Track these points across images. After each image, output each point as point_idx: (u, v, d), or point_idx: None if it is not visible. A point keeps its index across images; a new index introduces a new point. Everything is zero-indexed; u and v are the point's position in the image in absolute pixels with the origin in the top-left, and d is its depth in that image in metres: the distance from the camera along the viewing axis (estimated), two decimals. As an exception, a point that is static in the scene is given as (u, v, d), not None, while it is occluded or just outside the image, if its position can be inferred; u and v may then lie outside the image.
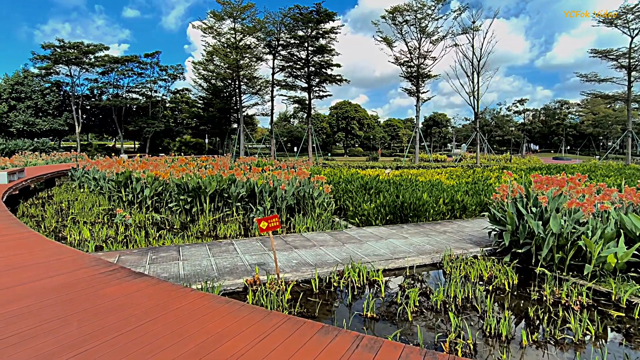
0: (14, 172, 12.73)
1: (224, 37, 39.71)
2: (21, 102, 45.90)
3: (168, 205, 9.51)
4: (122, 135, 54.65)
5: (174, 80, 57.82)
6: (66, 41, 48.92)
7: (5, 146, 34.84)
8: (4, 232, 5.36)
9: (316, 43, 38.05)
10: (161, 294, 3.07)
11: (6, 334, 2.39)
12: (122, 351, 2.22)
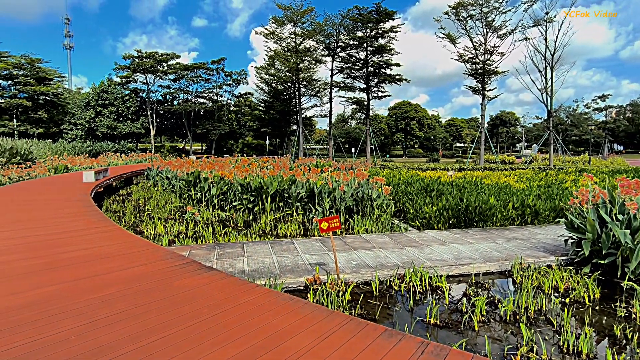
0: (100, 171, 14.15)
1: (285, 41, 40.84)
2: (106, 108, 50.91)
3: (232, 204, 9.99)
4: (190, 138, 58.39)
5: (238, 84, 60.56)
6: (143, 51, 53.37)
7: (93, 148, 38.88)
8: (93, 226, 5.98)
9: (375, 43, 37.70)
10: (230, 287, 3.23)
11: (98, 317, 2.67)
12: (197, 339, 2.37)
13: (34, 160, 22.57)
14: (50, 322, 2.59)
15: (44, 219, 6.49)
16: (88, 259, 4.09)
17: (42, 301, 2.95)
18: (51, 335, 2.40)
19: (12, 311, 2.77)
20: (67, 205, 8.04)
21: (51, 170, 18.89)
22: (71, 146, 36.21)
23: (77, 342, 2.32)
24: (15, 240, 4.94)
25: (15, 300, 2.96)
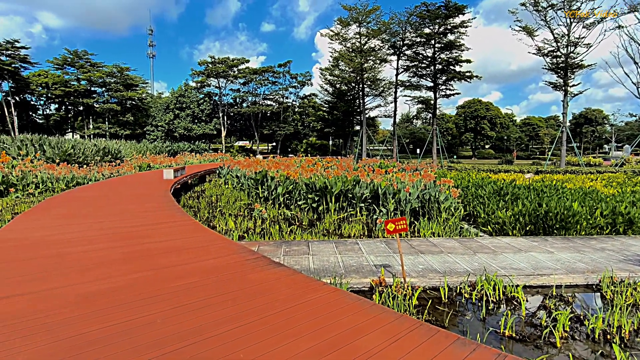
0: (178, 169, 15.32)
1: (349, 42, 40.92)
2: (183, 111, 54.97)
3: (297, 203, 10.23)
4: (257, 138, 60.90)
5: (303, 86, 61.94)
6: (216, 57, 56.76)
7: (171, 148, 42.22)
8: (173, 219, 6.49)
9: (444, 39, 36.26)
10: (298, 284, 3.32)
11: (181, 303, 2.89)
12: (270, 331, 2.47)
13: (122, 159, 25.08)
14: (140, 305, 2.86)
15: (132, 211, 7.19)
16: (170, 250, 4.45)
17: (132, 286, 3.26)
18: (141, 317, 2.65)
19: (109, 293, 3.10)
20: (150, 199, 8.82)
21: (136, 168, 20.86)
22: (153, 146, 39.65)
23: (163, 325, 2.54)
24: (110, 230, 5.53)
25: (112, 284, 3.31)
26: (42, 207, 7.74)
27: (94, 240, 4.90)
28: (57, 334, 2.40)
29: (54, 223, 6.06)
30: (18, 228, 5.66)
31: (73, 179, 14.64)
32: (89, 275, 3.53)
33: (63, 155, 19.98)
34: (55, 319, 2.61)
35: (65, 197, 9.23)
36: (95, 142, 26.05)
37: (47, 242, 4.79)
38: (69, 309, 2.79)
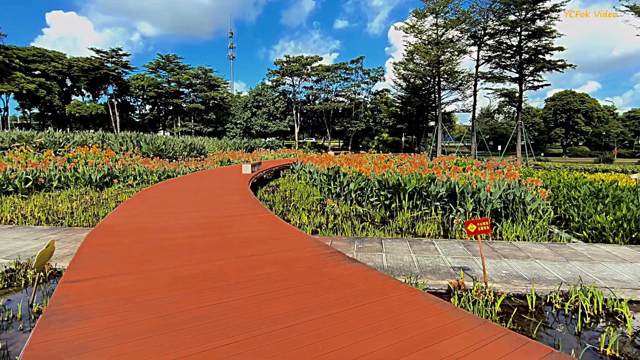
0: (255, 164, 16.11)
1: (425, 34, 39.44)
2: (259, 109, 57.61)
3: (369, 200, 10.17)
4: (329, 135, 61.60)
5: (375, 82, 61.24)
6: (291, 56, 58.43)
7: (248, 144, 44.54)
8: (252, 212, 6.84)
9: (531, 26, 33.27)
10: (374, 281, 3.30)
11: (263, 291, 3.05)
12: (347, 325, 2.49)
13: (206, 154, 27.07)
14: (228, 290, 3.07)
15: (216, 203, 7.73)
16: (251, 240, 4.71)
17: (220, 272, 3.51)
18: (229, 302, 2.84)
19: (200, 277, 3.38)
20: (231, 192, 9.40)
21: (218, 163, 22.37)
22: (232, 142, 42.17)
23: (248, 310, 2.69)
24: (196, 220, 6.01)
25: (201, 269, 3.60)
26: (139, 197, 8.65)
27: (184, 228, 5.36)
28: (157, 311, 2.67)
29: (149, 211, 6.76)
30: (121, 215, 6.41)
31: (164, 172, 16.16)
32: (182, 260, 3.87)
33: (156, 150, 22.14)
34: (155, 297, 2.91)
35: (158, 189, 10.23)
36: (183, 139, 28.44)
37: (145, 229, 5.35)
38: (166, 289, 3.09)
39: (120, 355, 2.10)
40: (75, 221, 7.85)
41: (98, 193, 12.01)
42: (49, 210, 8.94)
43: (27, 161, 13.74)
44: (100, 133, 24.91)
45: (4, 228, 7.00)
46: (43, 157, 15.16)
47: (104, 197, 11.04)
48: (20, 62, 51.02)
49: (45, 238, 6.21)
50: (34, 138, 21.29)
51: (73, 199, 10.61)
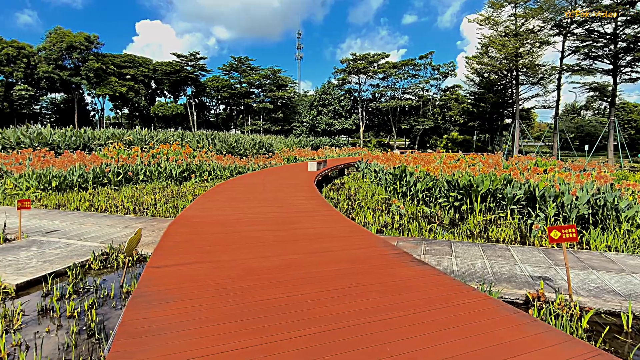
0: (320, 162, 16.33)
1: (502, 25, 36.90)
2: (325, 107, 58.26)
3: (437, 201, 9.78)
4: (395, 133, 60.46)
5: (445, 78, 58.80)
6: (357, 54, 58.26)
7: (314, 142, 45.31)
8: (318, 209, 6.94)
9: (630, 10, 29.50)
10: (444, 285, 3.17)
11: (329, 288, 3.07)
12: (414, 329, 2.42)
13: (274, 152, 28.04)
14: (294, 285, 3.14)
15: (284, 199, 7.97)
16: (317, 237, 4.78)
17: (287, 266, 3.61)
18: (295, 296, 2.91)
19: (269, 270, 3.50)
20: (297, 189, 9.63)
21: (285, 160, 23.06)
22: (298, 140, 43.20)
23: (313, 306, 2.73)
24: (265, 215, 6.24)
25: (270, 262, 3.73)
26: (214, 191, 9.21)
27: (254, 222, 5.60)
28: (232, 299, 2.82)
29: (223, 205, 7.16)
30: (198, 207, 6.87)
31: (235, 168, 17.04)
32: (253, 252, 4.05)
33: (228, 147, 23.42)
34: (230, 286, 3.07)
35: (230, 184, 10.81)
36: (253, 137, 29.77)
37: (219, 221, 5.69)
38: (239, 279, 3.25)
39: (199, 339, 2.25)
40: (157, 212, 8.59)
41: (177, 186, 13.02)
42: (136, 201, 9.89)
43: (119, 156, 15.33)
44: (179, 131, 26.96)
45: (100, 216, 7.88)
46: (131, 153, 16.81)
47: (182, 191, 11.94)
48: (115, 67, 57.07)
49: (133, 226, 6.88)
50: (124, 136, 23.69)
51: (156, 192, 11.63)
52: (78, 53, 51.90)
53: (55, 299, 3.87)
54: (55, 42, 50.40)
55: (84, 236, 6.13)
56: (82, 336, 3.22)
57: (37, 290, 4.19)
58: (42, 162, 12.99)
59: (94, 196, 10.52)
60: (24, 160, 13.95)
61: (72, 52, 51.62)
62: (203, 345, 2.18)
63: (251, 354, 2.11)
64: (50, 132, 21.61)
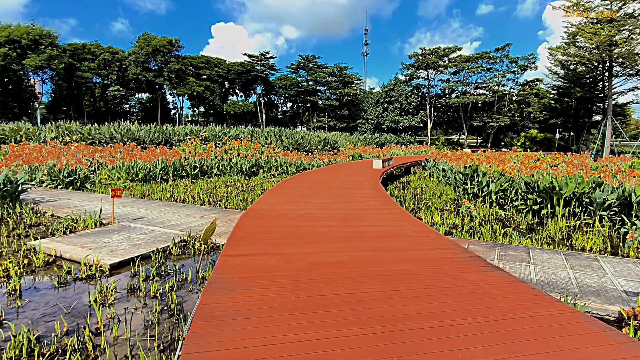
0: (386, 160, 16.08)
1: (594, 11, 33.21)
2: (391, 104, 57.20)
3: (513, 203, 9.13)
4: (466, 130, 57.50)
5: (524, 71, 54.55)
6: (426, 48, 56.25)
7: (379, 139, 44.73)
8: (383, 206, 6.84)
9: None
10: (522, 294, 2.94)
11: (397, 288, 3.01)
12: (489, 338, 2.28)
13: (338, 149, 28.18)
14: (360, 282, 3.13)
15: (349, 195, 7.98)
16: (384, 234, 4.71)
17: (353, 263, 3.61)
18: (362, 293, 2.89)
19: (335, 265, 3.53)
20: (362, 186, 9.58)
21: (349, 157, 23.07)
22: (363, 138, 42.94)
23: (380, 305, 2.70)
24: (330, 210, 6.30)
25: (336, 257, 3.76)
26: (281, 186, 9.50)
27: (320, 218, 5.68)
28: (300, 291, 2.89)
29: (290, 200, 7.36)
30: (266, 201, 7.14)
31: (301, 164, 17.42)
32: (319, 247, 4.11)
33: (295, 144, 24.01)
34: (298, 279, 3.15)
35: (296, 179, 11.07)
36: (318, 134, 30.19)
37: (286, 215, 5.85)
38: (307, 272, 3.32)
39: (270, 327, 2.33)
40: (229, 204, 9.08)
41: (247, 180, 13.65)
42: (210, 193, 10.55)
43: (196, 151, 16.47)
44: (249, 128, 28.22)
45: (179, 206, 8.53)
46: (206, 149, 17.96)
47: (251, 185, 12.49)
48: (193, 68, 61.29)
49: (208, 216, 7.35)
50: (200, 132, 25.36)
51: (228, 185, 12.31)
52: (162, 56, 56.59)
53: (141, 280, 4.26)
54: (143, 47, 55.44)
55: (165, 224, 6.69)
56: (164, 315, 3.52)
57: (126, 270, 4.66)
58: (130, 155, 14.41)
59: (174, 187, 11.43)
60: (115, 153, 15.58)
61: (156, 55, 56.43)
62: (274, 333, 2.25)
63: (318, 347, 2.14)
64: (138, 129, 23.86)
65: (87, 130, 22.34)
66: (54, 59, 46.83)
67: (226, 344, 2.12)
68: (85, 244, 5.33)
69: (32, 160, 12.13)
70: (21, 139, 19.87)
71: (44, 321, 3.38)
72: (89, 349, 2.91)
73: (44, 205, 8.06)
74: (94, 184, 11.51)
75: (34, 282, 4.29)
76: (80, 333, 3.13)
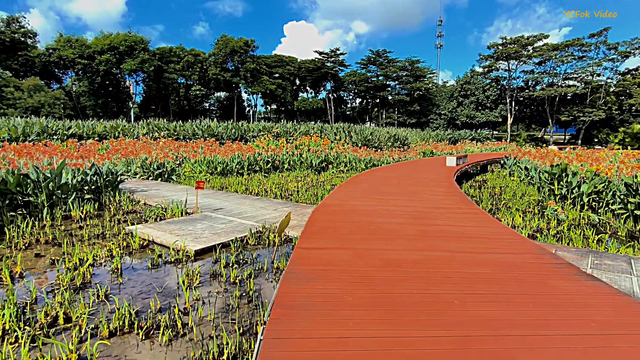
0: (460, 157, 15.30)
1: None
2: (467, 98, 54.20)
3: (609, 207, 8.16)
4: (552, 126, 52.57)
5: (625, 58, 48.33)
6: (507, 37, 52.27)
7: (452, 135, 42.73)
8: (458, 205, 6.52)
9: None
10: (626, 308, 2.62)
11: (475, 291, 2.86)
12: (585, 354, 2.07)
13: (409, 145, 27.46)
14: (436, 282, 3.02)
15: (421, 193, 7.74)
16: (460, 235, 4.50)
17: (428, 262, 3.50)
18: (439, 294, 2.79)
19: (408, 264, 3.45)
20: (434, 184, 9.23)
21: (420, 154, 22.36)
22: (435, 134, 41.34)
23: (460, 307, 2.58)
24: (402, 208, 6.17)
25: (410, 256, 3.68)
26: (351, 182, 9.52)
27: (391, 215, 5.59)
28: (374, 287, 2.88)
29: (360, 196, 7.35)
30: (337, 197, 7.20)
31: (370, 160, 17.28)
32: (392, 244, 4.05)
33: (364, 140, 23.88)
34: (371, 275, 3.14)
35: (366, 176, 11.01)
36: (388, 130, 29.69)
37: (357, 211, 5.85)
38: (380, 268, 3.29)
39: (345, 320, 2.36)
40: (300, 198, 9.33)
41: (316, 176, 13.91)
42: (282, 187, 10.93)
43: (268, 147, 17.16)
44: (319, 124, 28.69)
45: (254, 198, 8.97)
46: (278, 144, 18.62)
47: (320, 180, 12.70)
48: (266, 67, 63.80)
49: (281, 210, 7.63)
50: (272, 128, 26.36)
51: (298, 180, 12.64)
52: (238, 56, 59.74)
53: (222, 266, 4.57)
54: (222, 48, 59.01)
55: (242, 215, 7.07)
56: (243, 301, 3.73)
57: (208, 256, 5.02)
58: (210, 150, 15.45)
59: (248, 181, 12.03)
60: (197, 148, 16.82)
61: (233, 56, 59.72)
62: (350, 327, 2.27)
63: (394, 345, 2.11)
64: (216, 126, 25.50)
65: (173, 127, 24.41)
66: (145, 63, 51.85)
67: (304, 333, 2.19)
68: (173, 231, 5.84)
69: (128, 154, 13.58)
70: (118, 135, 22.34)
71: (141, 298, 3.78)
72: (178, 326, 3.19)
73: (137, 195, 8.99)
74: (179, 176, 12.55)
75: (132, 262, 4.81)
76: (171, 311, 3.45)
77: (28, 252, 5.13)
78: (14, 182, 6.80)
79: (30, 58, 48.56)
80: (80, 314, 3.27)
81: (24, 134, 18.77)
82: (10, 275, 4.19)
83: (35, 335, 3.01)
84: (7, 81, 41.32)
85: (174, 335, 3.06)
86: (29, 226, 6.01)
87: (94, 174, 8.40)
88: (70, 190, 7.62)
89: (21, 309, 3.43)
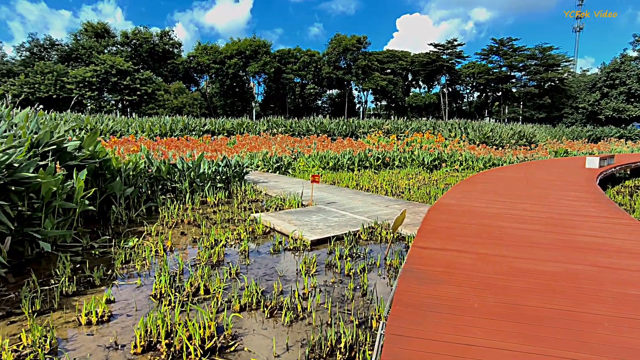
0: (605, 157, 13.07)
1: None
2: (614, 88, 46.01)
3: None
4: None
5: None
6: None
7: (593, 133, 36.69)
8: (604, 214, 5.59)
9: None
10: None
11: (631, 315, 2.42)
12: None
13: (536, 143, 24.50)
14: (579, 300, 2.64)
15: (553, 197, 6.85)
16: (603, 248, 3.86)
17: (569, 276, 3.08)
18: (584, 313, 2.44)
19: (543, 275, 3.09)
20: (571, 188, 8.07)
21: (551, 153, 19.76)
22: (569, 130, 36.07)
23: (611, 331, 2.22)
24: (530, 213, 5.54)
25: (544, 267, 3.29)
26: (468, 182, 8.90)
27: (517, 219, 5.07)
28: (501, 296, 2.66)
29: (479, 197, 6.83)
30: (453, 196, 6.81)
31: (490, 159, 15.92)
32: (521, 252, 3.67)
33: (482, 137, 22.10)
34: (498, 283, 2.90)
35: (485, 176, 10.18)
36: (511, 126, 26.95)
37: (477, 213, 5.45)
38: (507, 277, 3.02)
39: (470, 327, 2.23)
40: (412, 196, 9.08)
41: (428, 174, 13.37)
42: (392, 184, 10.78)
43: (379, 143, 17.10)
44: (432, 121, 27.51)
45: (365, 194, 9.04)
46: (389, 141, 18.41)
47: (433, 179, 12.17)
48: (378, 63, 63.48)
49: (392, 207, 7.55)
50: (383, 125, 26.18)
51: (410, 177, 12.32)
52: (350, 54, 60.64)
53: (337, 257, 4.72)
54: (335, 47, 60.60)
55: (354, 210, 7.20)
56: (357, 293, 3.80)
57: (323, 247, 5.24)
58: (322, 146, 16.07)
59: (359, 177, 12.18)
60: (310, 144, 17.64)
61: (346, 54, 60.85)
62: (475, 335, 2.14)
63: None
64: (328, 122, 26.39)
65: (289, 124, 26.05)
66: (267, 65, 56.29)
67: (426, 334, 2.13)
68: (291, 221, 6.24)
69: (252, 149, 14.95)
70: (243, 131, 24.74)
71: (265, 279, 4.14)
72: (298, 309, 3.40)
73: (259, 185, 9.84)
74: (294, 170, 13.35)
75: (257, 247, 5.30)
76: (292, 295, 3.70)
77: (175, 230, 6.05)
78: (166, 171, 8.07)
79: (176, 65, 56.88)
80: (217, 288, 3.73)
81: (171, 130, 22.11)
82: (163, 248, 5.00)
83: (184, 301, 3.54)
84: (159, 85, 49.18)
85: (294, 318, 3.28)
86: (176, 208, 7.07)
87: (224, 165, 9.47)
88: (207, 179, 8.73)
89: (172, 278, 4.06)
